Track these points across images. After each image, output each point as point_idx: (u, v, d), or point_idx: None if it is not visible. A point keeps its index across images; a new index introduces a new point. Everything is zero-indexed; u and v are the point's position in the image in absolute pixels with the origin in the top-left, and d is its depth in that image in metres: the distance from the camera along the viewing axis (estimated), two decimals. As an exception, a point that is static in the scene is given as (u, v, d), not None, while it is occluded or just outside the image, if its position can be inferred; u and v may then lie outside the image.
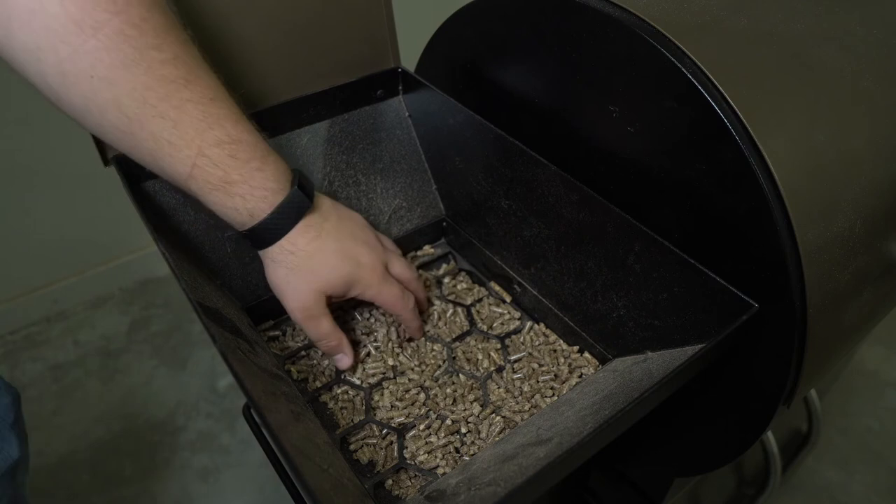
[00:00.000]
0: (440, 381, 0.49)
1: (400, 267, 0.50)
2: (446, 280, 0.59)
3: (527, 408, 0.47)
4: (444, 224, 0.62)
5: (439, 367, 0.51)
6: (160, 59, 0.36)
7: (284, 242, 0.43)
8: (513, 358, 0.51)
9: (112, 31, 0.34)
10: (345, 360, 0.49)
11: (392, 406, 0.48)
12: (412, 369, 0.50)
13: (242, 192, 0.40)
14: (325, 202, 0.46)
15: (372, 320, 0.54)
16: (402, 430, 0.46)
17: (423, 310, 0.54)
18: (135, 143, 0.38)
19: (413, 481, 0.44)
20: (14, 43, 0.34)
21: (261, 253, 0.44)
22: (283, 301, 0.45)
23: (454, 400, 0.48)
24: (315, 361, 0.51)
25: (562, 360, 0.50)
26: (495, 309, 0.55)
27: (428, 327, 0.54)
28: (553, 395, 0.48)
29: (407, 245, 0.60)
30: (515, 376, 0.49)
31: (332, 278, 0.44)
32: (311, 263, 0.44)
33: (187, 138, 0.38)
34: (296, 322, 0.46)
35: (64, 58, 0.34)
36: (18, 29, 0.33)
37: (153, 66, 0.36)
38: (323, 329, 0.46)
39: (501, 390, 0.48)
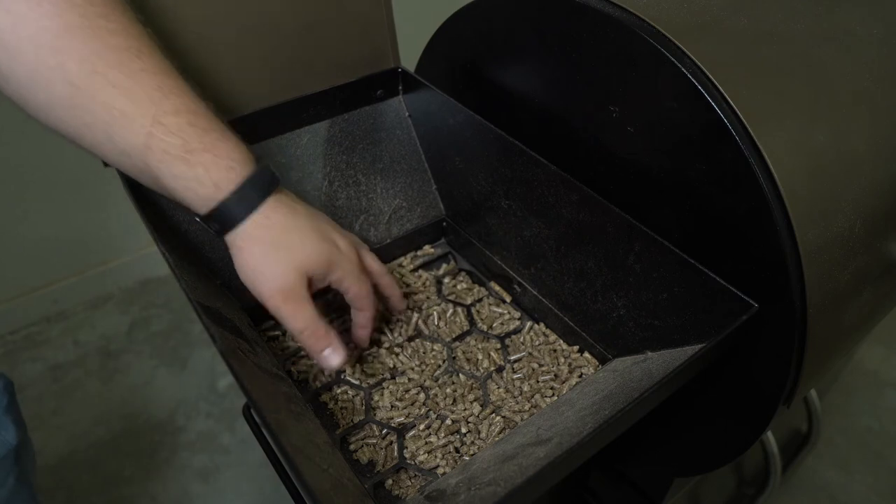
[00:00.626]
0: (440, 381, 0.49)
1: (372, 259, 0.47)
2: (446, 280, 0.59)
3: (527, 408, 0.47)
4: (444, 224, 0.61)
5: (439, 367, 0.51)
6: (108, 29, 0.35)
7: (257, 216, 0.39)
8: (513, 358, 0.51)
9: None
10: (334, 356, 0.41)
11: (392, 406, 0.48)
12: (412, 369, 0.50)
13: (205, 161, 0.37)
14: (289, 192, 0.43)
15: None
16: (402, 430, 0.46)
17: (400, 309, 0.52)
18: (86, 119, 0.35)
19: (413, 481, 0.44)
20: None
21: (229, 238, 0.39)
22: (258, 286, 0.39)
23: (454, 400, 0.48)
24: (315, 361, 0.51)
25: (562, 360, 0.50)
26: (495, 309, 0.55)
27: (428, 325, 0.54)
28: (553, 395, 0.48)
29: (407, 245, 0.60)
30: (515, 376, 0.49)
31: (313, 255, 0.40)
32: (288, 239, 0.40)
33: (142, 107, 0.35)
34: (273, 311, 0.40)
35: (5, 28, 0.33)
36: None
37: (101, 34, 0.34)
38: (307, 314, 0.40)
39: (501, 390, 0.48)
